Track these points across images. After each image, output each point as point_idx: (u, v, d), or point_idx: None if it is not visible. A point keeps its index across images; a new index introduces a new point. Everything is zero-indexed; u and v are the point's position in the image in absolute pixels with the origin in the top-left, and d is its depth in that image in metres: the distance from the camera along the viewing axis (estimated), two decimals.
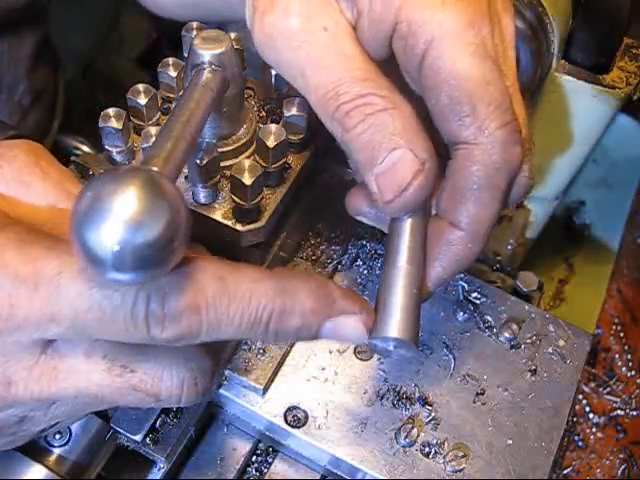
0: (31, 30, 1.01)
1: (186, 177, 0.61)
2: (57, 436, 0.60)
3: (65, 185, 0.56)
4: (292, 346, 0.68)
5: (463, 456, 0.63)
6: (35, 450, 0.59)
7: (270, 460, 0.69)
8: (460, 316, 0.70)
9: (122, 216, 0.41)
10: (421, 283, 0.56)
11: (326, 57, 0.53)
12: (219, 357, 0.53)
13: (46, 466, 0.59)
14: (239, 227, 0.60)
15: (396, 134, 0.52)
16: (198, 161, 0.57)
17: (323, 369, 0.67)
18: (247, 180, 0.57)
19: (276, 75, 0.65)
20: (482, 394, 0.66)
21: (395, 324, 0.53)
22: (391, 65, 0.56)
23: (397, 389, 0.66)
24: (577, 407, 0.93)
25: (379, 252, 0.73)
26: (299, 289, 0.49)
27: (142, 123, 0.63)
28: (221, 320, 0.47)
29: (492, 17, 0.54)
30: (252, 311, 0.47)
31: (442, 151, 0.56)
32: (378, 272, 0.72)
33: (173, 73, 0.64)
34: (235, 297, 0.47)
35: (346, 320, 0.51)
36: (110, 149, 0.62)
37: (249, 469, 0.68)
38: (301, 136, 0.63)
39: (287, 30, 0.53)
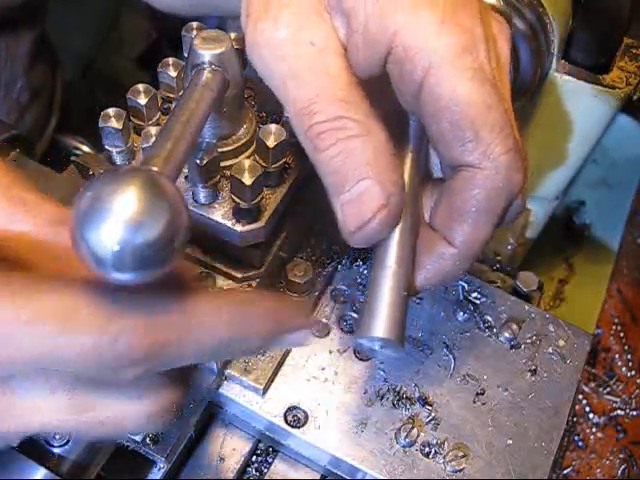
0: (28, 28, 1.01)
1: (186, 177, 0.61)
2: (57, 436, 0.60)
3: (15, 191, 0.52)
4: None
5: (463, 456, 0.63)
6: (35, 450, 0.59)
7: (270, 460, 0.69)
8: (460, 316, 0.70)
9: (122, 216, 0.41)
10: (408, 284, 0.56)
11: (308, 72, 0.52)
12: (186, 384, 0.51)
13: (46, 466, 0.59)
14: (239, 227, 0.60)
15: (365, 164, 0.51)
16: (198, 161, 0.57)
17: (323, 369, 0.67)
18: (247, 180, 0.57)
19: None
20: (482, 394, 0.66)
21: (380, 324, 0.53)
22: (380, 86, 0.55)
23: (397, 389, 0.66)
24: (577, 407, 0.93)
25: None
26: (253, 315, 0.47)
27: (142, 123, 0.63)
28: (182, 352, 0.44)
29: (488, 41, 0.53)
30: (210, 340, 0.45)
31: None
32: None
33: (173, 73, 0.64)
34: (194, 328, 0.44)
35: (292, 335, 0.50)
36: (110, 149, 0.62)
37: (249, 469, 0.68)
38: None
39: (274, 40, 0.52)
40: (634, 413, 0.93)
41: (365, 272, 0.72)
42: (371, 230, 0.53)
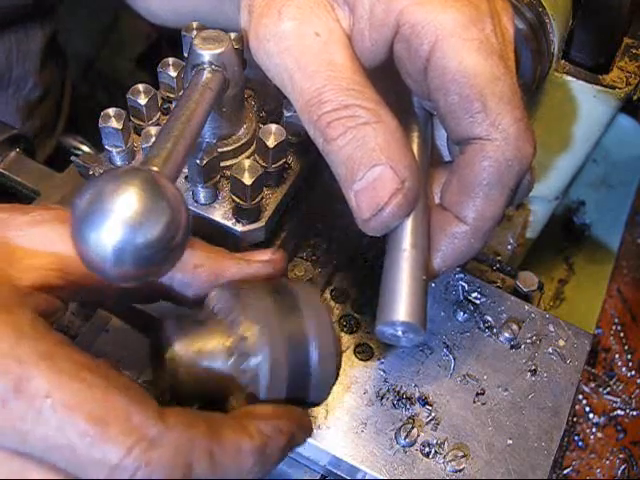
0: (40, 26, 1.01)
1: (186, 177, 0.61)
2: None
3: None
4: None
5: (463, 456, 0.63)
6: None
7: None
8: (460, 316, 0.70)
9: (122, 216, 0.41)
10: (426, 267, 0.56)
11: (314, 63, 0.52)
12: None
13: None
14: (239, 227, 0.60)
15: (377, 150, 0.51)
16: (198, 161, 0.57)
17: None
18: (247, 180, 0.57)
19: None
20: (482, 394, 0.66)
21: (402, 307, 0.52)
22: (384, 75, 0.55)
23: (397, 389, 0.66)
24: (577, 407, 0.93)
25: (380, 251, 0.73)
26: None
27: (142, 123, 0.63)
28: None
29: (493, 16, 0.54)
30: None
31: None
32: (379, 271, 0.72)
33: (173, 73, 0.64)
34: None
35: None
36: (110, 149, 0.62)
37: None
38: (301, 136, 0.63)
39: (279, 33, 0.53)
40: (634, 413, 0.93)
41: (365, 272, 0.72)
42: (387, 215, 0.53)
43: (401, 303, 0.53)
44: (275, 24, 0.53)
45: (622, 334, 0.99)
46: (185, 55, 0.62)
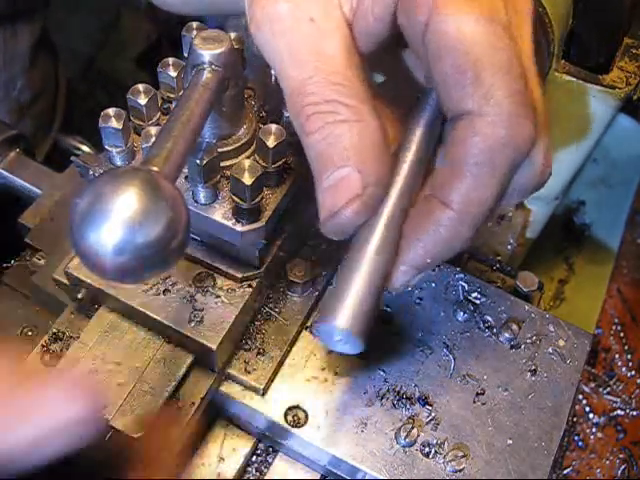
0: (27, 25, 1.00)
1: (186, 177, 0.61)
2: None
3: None
4: (292, 346, 0.68)
5: (463, 456, 0.63)
6: None
7: (270, 460, 0.69)
8: (460, 316, 0.70)
9: (122, 216, 0.41)
10: (385, 276, 0.51)
11: (305, 51, 0.50)
12: None
13: None
14: (239, 227, 0.60)
15: (349, 150, 0.49)
16: (198, 161, 0.57)
17: (323, 369, 0.67)
18: (247, 180, 0.57)
19: (276, 75, 0.65)
20: (482, 394, 0.66)
21: (344, 312, 0.48)
22: (391, 72, 0.54)
23: (397, 389, 0.66)
24: (577, 407, 0.93)
25: None
26: None
27: (142, 123, 0.63)
28: None
29: None
30: None
31: None
32: None
33: (173, 73, 0.64)
34: None
35: None
36: (110, 149, 0.62)
37: (249, 469, 0.68)
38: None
39: (275, 15, 0.51)
40: (634, 413, 0.93)
41: None
42: (342, 219, 0.50)
43: (344, 307, 0.49)
44: (272, 6, 0.51)
45: (622, 334, 0.99)
46: (185, 55, 0.62)
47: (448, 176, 0.51)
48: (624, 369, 0.97)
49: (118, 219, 0.41)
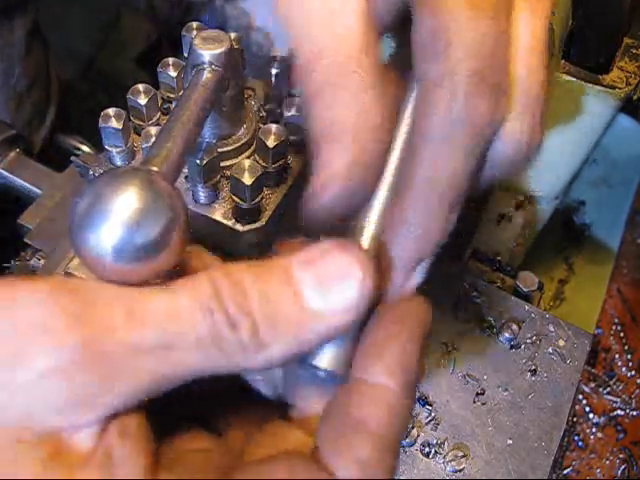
0: (22, 13, 1.01)
1: (186, 177, 0.61)
2: None
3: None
4: None
5: (463, 456, 0.63)
6: None
7: None
8: (460, 316, 0.70)
9: (121, 216, 0.41)
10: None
11: (317, 25, 0.49)
12: None
13: None
14: (239, 227, 0.60)
15: (348, 129, 0.48)
16: (198, 161, 0.57)
17: None
18: (247, 180, 0.57)
19: (276, 75, 0.65)
20: (482, 394, 0.66)
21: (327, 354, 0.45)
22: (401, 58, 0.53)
23: None
24: (577, 407, 0.93)
25: None
26: None
27: (142, 123, 0.63)
28: None
29: None
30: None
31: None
32: None
33: (173, 73, 0.64)
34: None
35: None
36: (110, 149, 0.62)
37: None
38: (301, 136, 0.63)
39: None
40: (634, 413, 0.93)
41: None
42: (326, 200, 0.50)
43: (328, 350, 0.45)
44: None
45: (622, 334, 0.99)
46: (185, 55, 0.62)
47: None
48: (624, 369, 0.97)
49: (117, 219, 0.41)
